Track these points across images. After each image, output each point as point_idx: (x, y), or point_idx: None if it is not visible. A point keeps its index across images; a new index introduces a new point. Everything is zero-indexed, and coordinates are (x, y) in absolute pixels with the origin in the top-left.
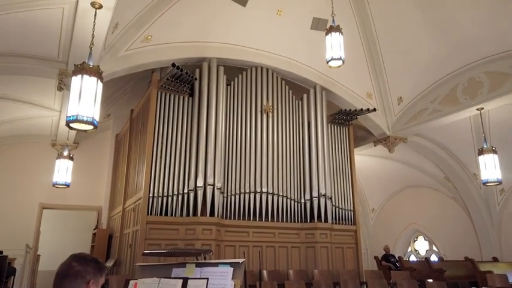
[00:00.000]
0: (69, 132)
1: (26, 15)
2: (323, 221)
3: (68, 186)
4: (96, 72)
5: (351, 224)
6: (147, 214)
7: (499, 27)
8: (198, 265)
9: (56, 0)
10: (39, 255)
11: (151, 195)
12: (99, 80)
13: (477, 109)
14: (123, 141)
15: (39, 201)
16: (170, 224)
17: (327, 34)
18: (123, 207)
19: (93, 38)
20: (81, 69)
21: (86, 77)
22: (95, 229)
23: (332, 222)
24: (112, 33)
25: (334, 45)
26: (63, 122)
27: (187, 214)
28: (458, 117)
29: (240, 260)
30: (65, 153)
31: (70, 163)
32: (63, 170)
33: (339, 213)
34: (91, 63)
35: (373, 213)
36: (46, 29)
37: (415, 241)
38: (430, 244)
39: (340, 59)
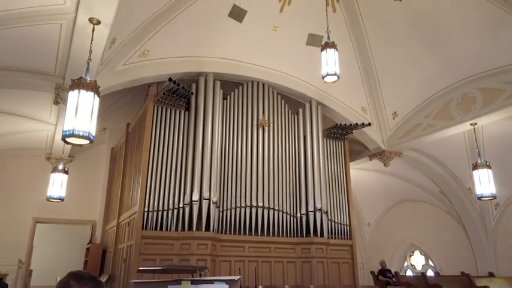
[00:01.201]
0: (64, 146)
1: (24, 31)
2: (319, 235)
3: (62, 200)
4: (93, 87)
5: (347, 239)
6: (142, 229)
7: (491, 45)
8: (194, 282)
9: (55, 16)
10: (31, 270)
11: (146, 209)
12: (96, 95)
13: (471, 124)
14: (118, 155)
15: (33, 215)
16: (165, 238)
17: (322, 50)
18: (117, 221)
19: (90, 53)
20: (78, 84)
21: (82, 91)
22: (88, 244)
23: (328, 237)
24: (109, 48)
25: (330, 61)
26: (58, 136)
27: (183, 229)
28: (452, 132)
29: (236, 277)
30: (60, 167)
31: (65, 177)
32: (57, 184)
33: (334, 228)
34: (88, 78)
35: (369, 227)
36: (44, 44)
37: (411, 256)
38: (426, 259)
39: (335, 74)
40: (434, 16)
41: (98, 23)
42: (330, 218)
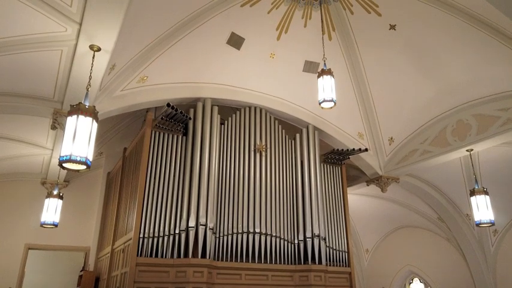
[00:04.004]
0: (60, 171)
1: (25, 57)
2: (317, 262)
3: (56, 226)
4: (92, 113)
5: (345, 266)
6: (137, 255)
7: (485, 72)
8: None
9: (55, 43)
10: None
11: (141, 235)
12: (94, 120)
13: (467, 150)
14: (114, 180)
15: (25, 241)
16: (160, 266)
17: (318, 77)
18: (112, 248)
19: (90, 79)
20: (77, 109)
21: (81, 117)
22: (81, 271)
23: (326, 264)
24: (109, 74)
25: (326, 87)
26: (54, 161)
27: (178, 255)
28: (448, 159)
29: None
30: (55, 192)
31: (59, 202)
32: (52, 210)
33: (333, 255)
34: (87, 104)
35: (367, 254)
36: (44, 70)
37: (410, 283)
38: (426, 286)
39: (332, 100)
40: (428, 44)
41: (99, 49)
42: (327, 245)
